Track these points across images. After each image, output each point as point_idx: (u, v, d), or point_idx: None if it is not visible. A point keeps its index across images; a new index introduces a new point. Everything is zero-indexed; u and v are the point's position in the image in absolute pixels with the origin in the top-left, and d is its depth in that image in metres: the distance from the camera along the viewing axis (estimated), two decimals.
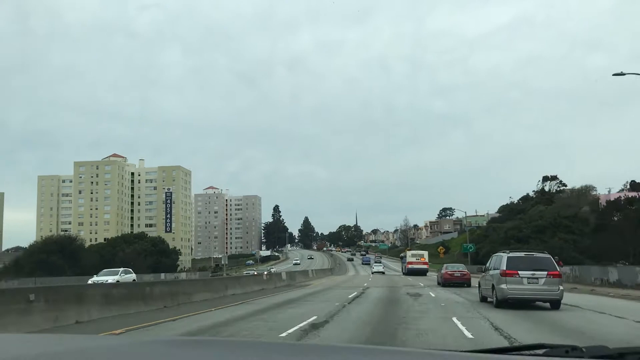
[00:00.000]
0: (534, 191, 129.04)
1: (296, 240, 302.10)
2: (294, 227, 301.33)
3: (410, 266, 60.35)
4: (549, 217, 61.32)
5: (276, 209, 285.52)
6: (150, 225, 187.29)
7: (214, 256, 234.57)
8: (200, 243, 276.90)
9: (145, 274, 66.65)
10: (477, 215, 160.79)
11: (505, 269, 17.45)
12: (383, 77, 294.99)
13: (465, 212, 76.28)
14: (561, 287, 17.38)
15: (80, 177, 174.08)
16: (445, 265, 38.52)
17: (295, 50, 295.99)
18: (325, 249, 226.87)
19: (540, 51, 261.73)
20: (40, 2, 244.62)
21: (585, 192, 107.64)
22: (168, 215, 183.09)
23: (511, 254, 18.41)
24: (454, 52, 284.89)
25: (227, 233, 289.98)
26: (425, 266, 60.39)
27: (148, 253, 75.75)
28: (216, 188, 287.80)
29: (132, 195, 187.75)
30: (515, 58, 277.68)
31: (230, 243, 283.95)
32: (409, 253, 66.68)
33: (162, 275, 60.29)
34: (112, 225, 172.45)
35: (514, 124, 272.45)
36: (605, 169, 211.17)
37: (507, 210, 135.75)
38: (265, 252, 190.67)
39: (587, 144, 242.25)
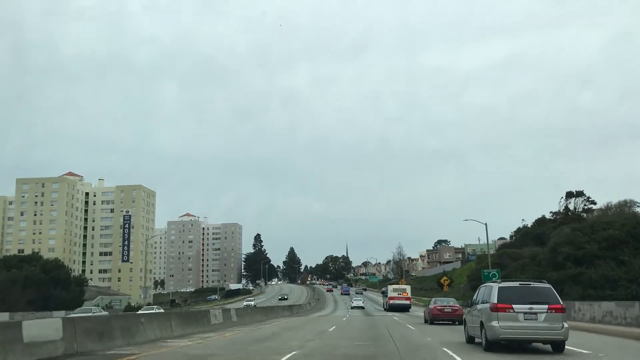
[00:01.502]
0: (551, 212, 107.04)
1: (279, 274, 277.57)
2: (281, 260, 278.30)
3: (391, 302, 56.28)
4: (628, 225, 38.98)
5: (257, 238, 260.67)
6: (106, 254, 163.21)
7: (186, 290, 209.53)
8: (172, 276, 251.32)
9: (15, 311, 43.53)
10: (479, 243, 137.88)
11: (496, 302, 14.06)
12: (377, 112, 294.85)
13: (486, 224, 53.40)
14: (565, 325, 13.87)
15: (23, 196, 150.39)
16: (433, 299, 34.01)
17: (291, 85, 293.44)
18: (308, 282, 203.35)
19: (533, 88, 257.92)
20: (38, 36, 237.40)
21: (624, 209, 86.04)
22: (126, 242, 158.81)
23: (503, 284, 14.85)
24: (447, 88, 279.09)
25: (203, 264, 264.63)
26: (407, 302, 56.54)
27: (34, 282, 52.66)
28: (193, 215, 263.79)
29: (86, 219, 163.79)
30: (509, 94, 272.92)
31: (207, 276, 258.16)
32: (390, 287, 61.84)
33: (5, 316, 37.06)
34: (58, 252, 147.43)
35: (507, 159, 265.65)
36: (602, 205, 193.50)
37: (521, 235, 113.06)
38: (236, 286, 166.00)
39: (582, 180, 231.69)
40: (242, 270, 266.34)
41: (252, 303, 69.51)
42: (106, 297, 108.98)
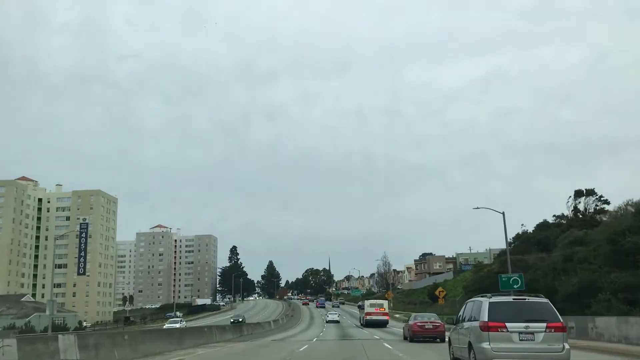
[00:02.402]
0: (554, 216, 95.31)
1: (258, 289, 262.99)
2: (261, 275, 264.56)
3: (368, 317, 54.51)
4: None
5: (233, 250, 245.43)
6: (60, 266, 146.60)
7: (152, 306, 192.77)
8: (141, 291, 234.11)
9: None
10: (472, 252, 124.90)
11: (486, 320, 12.50)
12: (361, 128, 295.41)
13: (504, 214, 39.77)
14: (567, 346, 12.32)
15: None
16: (413, 315, 31.77)
17: (275, 101, 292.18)
18: (286, 297, 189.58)
19: (514, 104, 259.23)
20: (18, 51, 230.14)
21: None
22: (82, 253, 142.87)
23: (494, 299, 13.06)
24: (429, 104, 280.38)
25: (175, 279, 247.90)
26: (385, 317, 54.85)
27: None
28: (164, 227, 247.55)
29: (39, 227, 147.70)
30: (490, 111, 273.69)
31: (179, 291, 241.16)
32: (367, 302, 59.98)
33: None
34: (3, 265, 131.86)
35: (490, 174, 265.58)
36: None
37: (522, 241, 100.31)
38: (203, 301, 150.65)
39: (561, 196, 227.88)
40: (217, 285, 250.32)
41: (178, 325, 55.24)
42: (44, 315, 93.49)
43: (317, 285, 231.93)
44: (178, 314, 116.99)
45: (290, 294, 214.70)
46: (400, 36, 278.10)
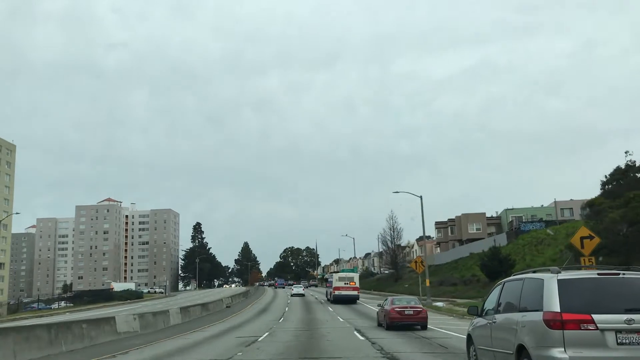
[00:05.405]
0: None
1: (234, 276, 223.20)
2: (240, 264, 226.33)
3: (337, 292, 49.98)
4: None
5: (197, 228, 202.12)
6: None
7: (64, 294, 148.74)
8: (81, 277, 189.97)
9: None
10: (515, 208, 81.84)
11: (558, 309, 6.97)
12: (350, 118, 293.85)
13: None
14: None
15: None
16: (390, 298, 26.95)
17: (263, 91, 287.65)
18: (257, 283, 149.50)
19: (502, 94, 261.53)
20: (3, 40, 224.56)
21: None
22: None
23: (565, 275, 7.33)
24: (418, 95, 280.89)
25: (127, 262, 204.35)
26: (355, 292, 50.28)
27: None
28: (115, 201, 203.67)
29: None
30: (479, 101, 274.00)
31: (130, 277, 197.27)
32: (335, 276, 53.69)
33: None
34: None
35: (478, 164, 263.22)
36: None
37: (632, 179, 56.66)
38: (126, 285, 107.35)
39: (550, 186, 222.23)
40: (180, 271, 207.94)
41: None
42: None
43: (298, 268, 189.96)
44: (63, 303, 73.86)
45: (263, 280, 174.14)
46: (388, 27, 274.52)
